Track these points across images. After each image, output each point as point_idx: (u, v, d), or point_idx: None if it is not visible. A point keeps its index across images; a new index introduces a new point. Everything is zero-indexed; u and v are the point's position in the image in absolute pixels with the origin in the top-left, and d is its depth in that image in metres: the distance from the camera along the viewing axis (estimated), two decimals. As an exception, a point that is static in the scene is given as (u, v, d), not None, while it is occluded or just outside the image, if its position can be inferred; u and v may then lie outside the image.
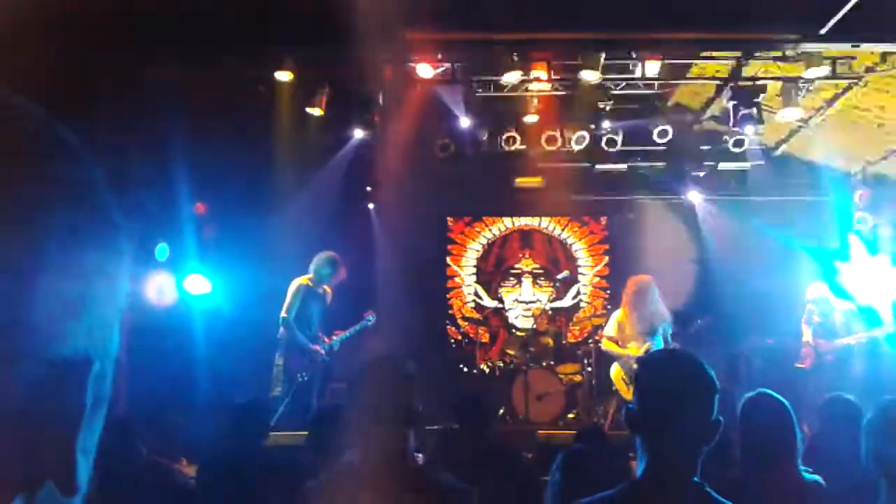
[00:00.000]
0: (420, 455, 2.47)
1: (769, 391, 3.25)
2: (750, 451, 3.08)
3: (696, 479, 1.89)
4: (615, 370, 7.41)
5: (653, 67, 7.47)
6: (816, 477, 3.06)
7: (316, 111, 7.90)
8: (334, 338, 7.68)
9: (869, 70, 7.01)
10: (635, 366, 6.40)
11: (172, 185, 8.28)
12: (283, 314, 7.29)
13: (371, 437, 2.35)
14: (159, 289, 8.21)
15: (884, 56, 6.70)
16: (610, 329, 7.57)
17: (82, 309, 0.54)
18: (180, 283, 8.47)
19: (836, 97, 7.65)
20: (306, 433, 4.32)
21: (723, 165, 9.32)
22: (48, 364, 0.50)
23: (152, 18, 6.20)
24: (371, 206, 10.36)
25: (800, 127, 8.53)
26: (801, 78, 7.13)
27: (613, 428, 6.89)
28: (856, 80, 7.17)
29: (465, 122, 8.74)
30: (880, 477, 2.32)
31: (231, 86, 7.74)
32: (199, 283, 8.59)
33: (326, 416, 4.09)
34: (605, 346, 7.58)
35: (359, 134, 8.58)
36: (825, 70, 6.88)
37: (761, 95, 7.57)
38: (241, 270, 8.65)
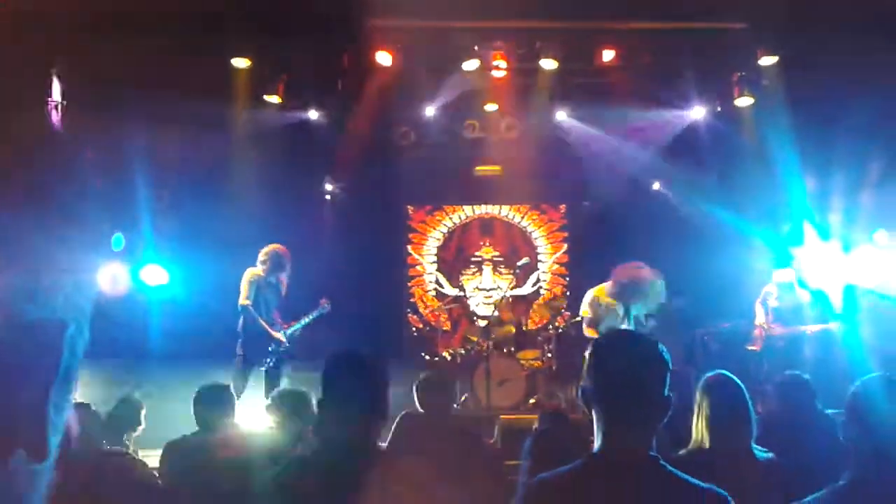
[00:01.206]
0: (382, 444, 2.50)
1: (726, 372, 3.33)
2: (708, 429, 3.15)
3: (651, 453, 1.93)
4: None
5: (609, 55, 7.55)
6: (771, 455, 3.14)
7: (274, 98, 7.82)
8: (293, 325, 7.65)
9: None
10: None
11: (129, 173, 8.14)
12: (241, 302, 7.24)
13: (339, 427, 2.37)
14: (114, 279, 8.09)
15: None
16: (586, 308, 7.52)
17: (56, 274, 0.55)
18: (136, 274, 8.35)
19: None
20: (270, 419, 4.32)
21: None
22: (24, 328, 0.51)
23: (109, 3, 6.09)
24: (328, 194, 10.31)
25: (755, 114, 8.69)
26: (758, 66, 7.28)
27: (574, 411, 6.97)
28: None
29: (424, 111, 8.74)
30: (853, 446, 2.37)
31: (188, 72, 7.61)
32: (156, 274, 8.48)
33: (285, 401, 4.10)
34: (587, 332, 7.55)
35: (318, 122, 8.52)
36: (776, 58, 7.03)
37: (718, 84, 7.70)
38: (199, 260, 8.55)
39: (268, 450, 3.83)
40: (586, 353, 2.05)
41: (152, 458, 4.37)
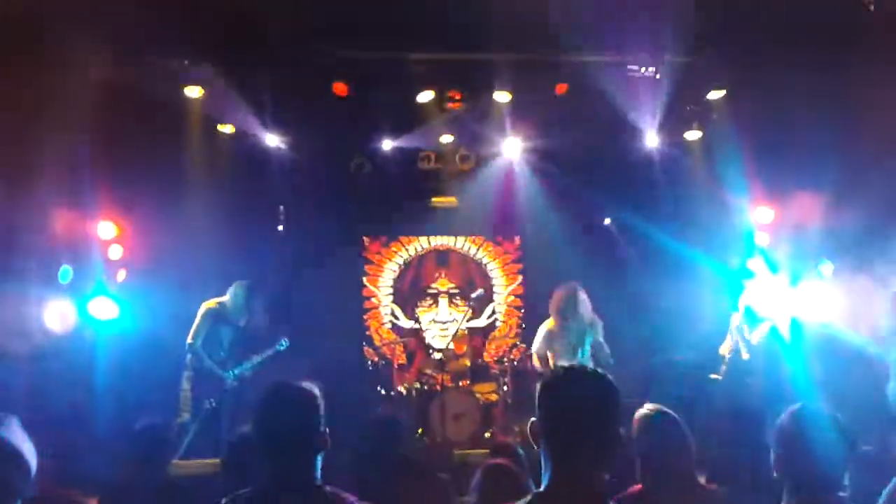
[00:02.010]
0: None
1: (662, 408, 3.32)
2: (648, 465, 3.14)
3: (598, 490, 1.91)
4: None
5: (562, 88, 7.65)
6: (714, 486, 3.14)
7: (227, 128, 7.74)
8: (246, 363, 7.50)
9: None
10: None
11: (80, 204, 7.98)
12: (189, 340, 7.11)
13: (276, 465, 2.31)
14: (60, 314, 7.87)
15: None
16: (539, 345, 7.55)
17: None
18: (84, 308, 8.13)
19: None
20: (217, 461, 4.19)
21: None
22: None
23: (58, 24, 5.98)
24: (280, 226, 10.19)
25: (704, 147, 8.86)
26: (705, 100, 7.43)
27: (529, 445, 6.93)
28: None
29: (380, 142, 8.74)
30: (786, 481, 2.38)
31: (140, 101, 7.51)
32: (105, 307, 8.26)
33: (242, 443, 3.97)
34: (536, 363, 7.60)
35: (272, 152, 8.44)
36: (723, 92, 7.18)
37: (668, 117, 7.84)
38: (152, 293, 8.36)
39: (211, 491, 3.70)
40: (536, 390, 2.03)
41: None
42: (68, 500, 3.89)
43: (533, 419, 1.98)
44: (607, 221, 10.21)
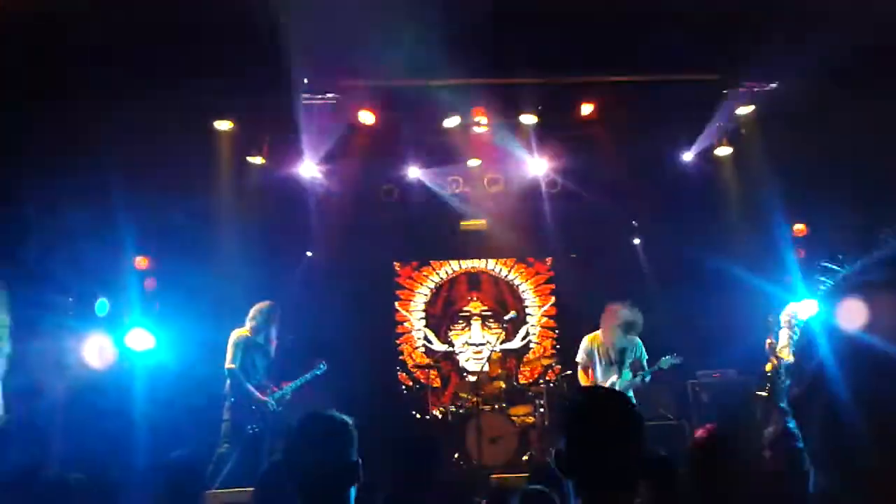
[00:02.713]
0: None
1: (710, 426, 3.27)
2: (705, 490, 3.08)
3: None
4: None
5: (588, 108, 7.65)
6: None
7: (258, 160, 7.84)
8: (283, 387, 7.54)
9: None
10: None
11: (112, 237, 8.11)
12: (227, 365, 7.14)
13: (308, 498, 2.28)
14: (98, 349, 7.98)
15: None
16: (581, 356, 7.58)
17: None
18: (121, 339, 8.24)
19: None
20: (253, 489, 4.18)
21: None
22: None
23: (87, 63, 6.12)
24: (310, 254, 10.25)
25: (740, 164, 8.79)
26: (735, 116, 7.38)
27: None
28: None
29: (409, 169, 8.79)
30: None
31: (171, 136, 7.64)
32: (141, 339, 8.37)
33: (273, 472, 3.97)
34: (580, 375, 7.61)
35: (302, 181, 8.52)
36: (751, 107, 7.12)
37: (699, 134, 7.79)
38: (186, 324, 8.45)
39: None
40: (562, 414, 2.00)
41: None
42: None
43: (558, 447, 1.96)
44: (637, 241, 10.12)
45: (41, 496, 3.80)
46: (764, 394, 8.03)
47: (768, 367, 8.13)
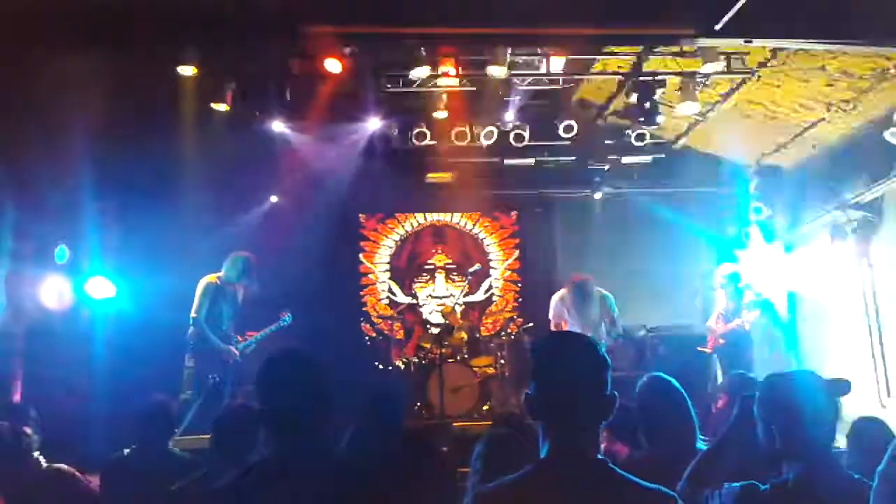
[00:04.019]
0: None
1: (661, 374, 3.39)
2: (649, 431, 3.19)
3: (599, 456, 1.94)
4: None
5: (557, 63, 7.62)
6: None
7: (221, 107, 7.70)
8: (248, 338, 7.55)
9: (761, 65, 7.31)
10: None
11: (74, 184, 7.96)
12: (192, 314, 7.11)
13: (283, 433, 2.30)
14: (57, 293, 7.89)
15: (774, 52, 7.01)
16: (553, 312, 7.94)
17: None
18: (81, 287, 8.15)
19: (730, 91, 7.96)
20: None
21: (626, 159, 9.60)
22: None
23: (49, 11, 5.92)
24: (275, 201, 10.17)
25: (697, 121, 8.85)
26: (698, 73, 7.40)
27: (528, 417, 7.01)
28: (749, 75, 7.48)
29: (374, 119, 8.70)
30: (782, 452, 2.38)
31: (133, 82, 7.47)
32: (101, 287, 8.29)
33: (230, 416, 3.99)
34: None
35: (267, 130, 8.39)
36: (720, 65, 7.15)
37: (660, 90, 7.81)
38: (149, 272, 8.38)
39: (211, 465, 3.73)
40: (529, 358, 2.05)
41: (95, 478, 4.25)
42: (68, 476, 3.93)
43: (527, 392, 2.01)
44: (598, 195, 10.21)
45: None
46: (706, 350, 8.28)
47: (711, 323, 8.36)
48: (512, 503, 1.93)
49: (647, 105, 7.73)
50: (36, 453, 4.20)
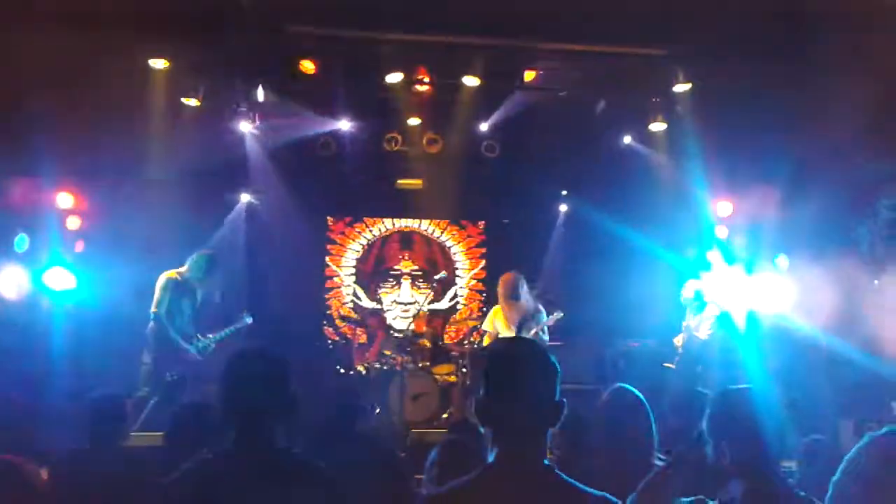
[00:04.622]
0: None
1: (626, 386, 3.42)
2: (609, 441, 3.23)
3: (546, 461, 1.95)
4: None
5: (531, 75, 7.69)
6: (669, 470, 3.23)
7: (192, 101, 7.64)
8: (210, 336, 7.45)
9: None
10: None
11: (37, 173, 7.84)
12: (152, 309, 7.01)
13: (241, 428, 2.29)
14: (14, 282, 7.74)
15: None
16: (487, 325, 7.77)
17: None
18: (39, 277, 8.00)
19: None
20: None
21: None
22: None
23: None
24: (247, 201, 10.12)
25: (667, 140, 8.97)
26: (671, 92, 7.52)
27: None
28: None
29: (346, 123, 8.69)
30: (730, 466, 2.41)
31: (105, 71, 7.37)
32: (61, 278, 8.14)
33: (184, 414, 3.96)
34: (486, 342, 7.80)
35: (238, 127, 8.33)
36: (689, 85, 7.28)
37: (634, 108, 7.92)
38: (112, 264, 8.26)
39: (163, 463, 3.69)
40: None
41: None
42: (16, 467, 3.86)
43: (477, 397, 2.01)
44: (563, 208, 10.30)
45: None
46: (671, 366, 8.36)
47: (677, 340, 8.46)
48: None
49: (618, 123, 7.83)
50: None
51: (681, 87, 7.19)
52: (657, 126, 8.38)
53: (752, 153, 7.55)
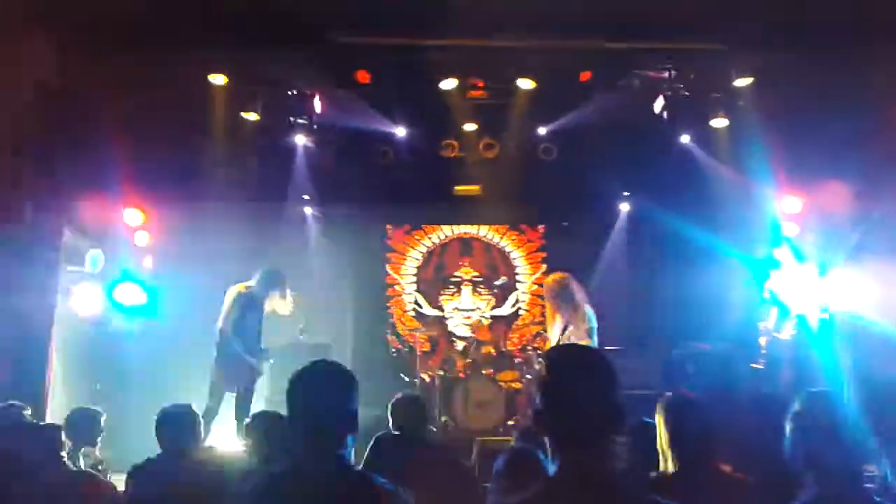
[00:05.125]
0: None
1: (686, 394, 3.34)
2: (676, 449, 3.14)
3: (609, 471, 1.88)
4: None
5: (588, 75, 7.59)
6: (738, 474, 3.13)
7: (251, 116, 7.75)
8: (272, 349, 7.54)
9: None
10: None
11: (106, 192, 8.06)
12: (219, 324, 7.12)
13: (308, 444, 2.30)
14: (88, 300, 7.97)
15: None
16: (551, 334, 7.62)
17: None
18: (111, 294, 8.22)
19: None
20: (242, 442, 4.22)
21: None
22: None
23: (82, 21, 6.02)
24: (309, 212, 10.24)
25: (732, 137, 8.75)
26: (733, 87, 7.32)
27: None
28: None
29: (402, 130, 8.71)
30: (807, 469, 2.35)
31: (165, 87, 7.55)
32: (132, 294, 8.35)
33: (255, 424, 4.01)
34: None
35: (297, 140, 8.42)
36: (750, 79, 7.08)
37: (694, 105, 7.74)
38: (179, 280, 8.45)
39: (238, 473, 3.74)
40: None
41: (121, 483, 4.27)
42: (95, 480, 3.96)
43: (535, 406, 1.95)
44: (625, 208, 10.12)
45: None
46: (759, 366, 8.11)
47: (761, 340, 8.22)
48: None
49: (680, 121, 7.66)
50: (64, 455, 4.24)
51: (742, 82, 6.98)
52: (719, 122, 8.17)
53: (821, 147, 7.29)
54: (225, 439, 6.65)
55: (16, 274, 6.72)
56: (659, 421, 3.23)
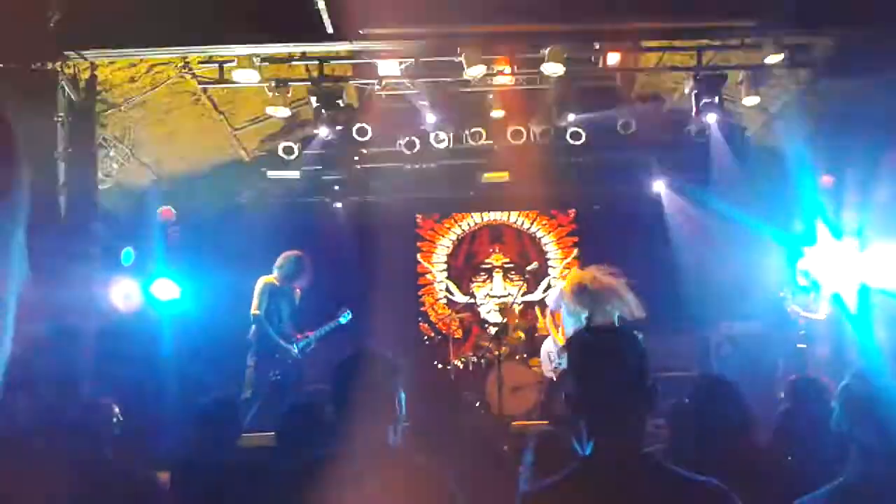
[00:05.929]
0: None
1: (717, 375, 3.33)
2: (706, 429, 3.14)
3: (645, 450, 1.89)
4: None
5: (614, 58, 7.50)
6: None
7: (279, 111, 7.80)
8: (308, 335, 7.63)
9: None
10: None
11: (139, 187, 8.17)
12: (253, 312, 7.22)
13: (355, 433, 2.33)
14: (125, 294, 8.09)
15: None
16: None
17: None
18: (147, 289, 8.34)
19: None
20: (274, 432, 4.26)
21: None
22: None
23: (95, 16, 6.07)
24: (338, 204, 10.30)
25: (764, 114, 8.62)
26: (764, 65, 7.20)
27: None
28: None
29: (430, 119, 8.70)
30: (851, 441, 2.34)
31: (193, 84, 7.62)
32: (166, 288, 8.46)
33: (294, 413, 4.05)
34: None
35: (325, 133, 8.47)
36: (780, 57, 6.96)
37: (724, 84, 7.63)
38: (211, 273, 8.54)
39: (275, 462, 3.78)
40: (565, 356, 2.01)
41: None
42: (140, 475, 4.02)
43: (567, 389, 1.96)
44: (656, 189, 10.03)
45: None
46: (803, 346, 7.99)
47: (800, 320, 8.09)
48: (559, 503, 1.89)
49: (710, 99, 7.56)
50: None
51: (773, 59, 6.86)
52: (751, 100, 8.05)
53: (858, 123, 7.15)
54: (261, 429, 6.72)
55: (59, 270, 6.85)
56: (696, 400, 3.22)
